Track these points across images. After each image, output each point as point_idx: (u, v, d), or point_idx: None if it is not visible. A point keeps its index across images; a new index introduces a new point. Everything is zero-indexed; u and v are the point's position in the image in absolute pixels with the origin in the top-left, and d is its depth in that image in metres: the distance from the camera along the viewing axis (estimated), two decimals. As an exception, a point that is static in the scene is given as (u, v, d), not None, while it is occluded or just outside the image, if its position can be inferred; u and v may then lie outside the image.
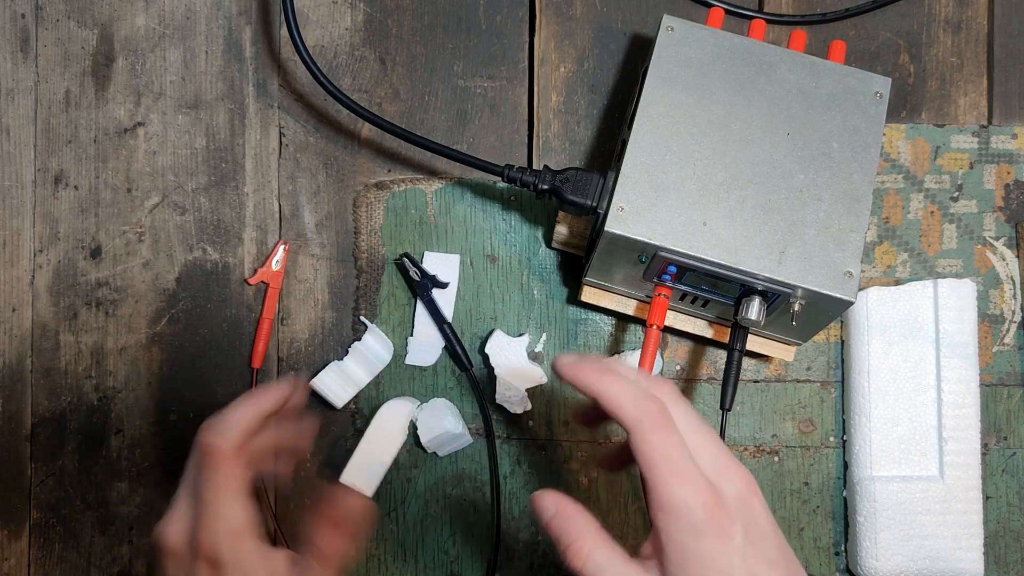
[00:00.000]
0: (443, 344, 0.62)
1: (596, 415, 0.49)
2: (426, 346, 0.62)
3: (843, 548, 0.62)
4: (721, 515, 0.40)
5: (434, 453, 0.61)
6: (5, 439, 0.62)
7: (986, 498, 0.62)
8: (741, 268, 0.52)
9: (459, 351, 0.62)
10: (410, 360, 0.62)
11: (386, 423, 0.60)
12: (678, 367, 0.63)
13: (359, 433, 0.61)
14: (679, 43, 0.57)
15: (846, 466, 0.62)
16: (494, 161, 0.58)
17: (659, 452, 0.41)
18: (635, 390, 0.42)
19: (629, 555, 0.42)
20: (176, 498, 0.46)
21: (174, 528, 0.45)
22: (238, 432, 0.45)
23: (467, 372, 0.62)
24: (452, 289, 0.62)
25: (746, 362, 0.62)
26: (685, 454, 0.41)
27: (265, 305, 0.63)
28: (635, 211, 0.53)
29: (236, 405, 0.46)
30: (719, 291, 0.55)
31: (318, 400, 0.62)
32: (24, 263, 0.63)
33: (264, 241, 0.64)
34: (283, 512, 0.62)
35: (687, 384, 0.63)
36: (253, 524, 0.44)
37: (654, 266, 0.54)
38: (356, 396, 0.62)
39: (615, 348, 0.63)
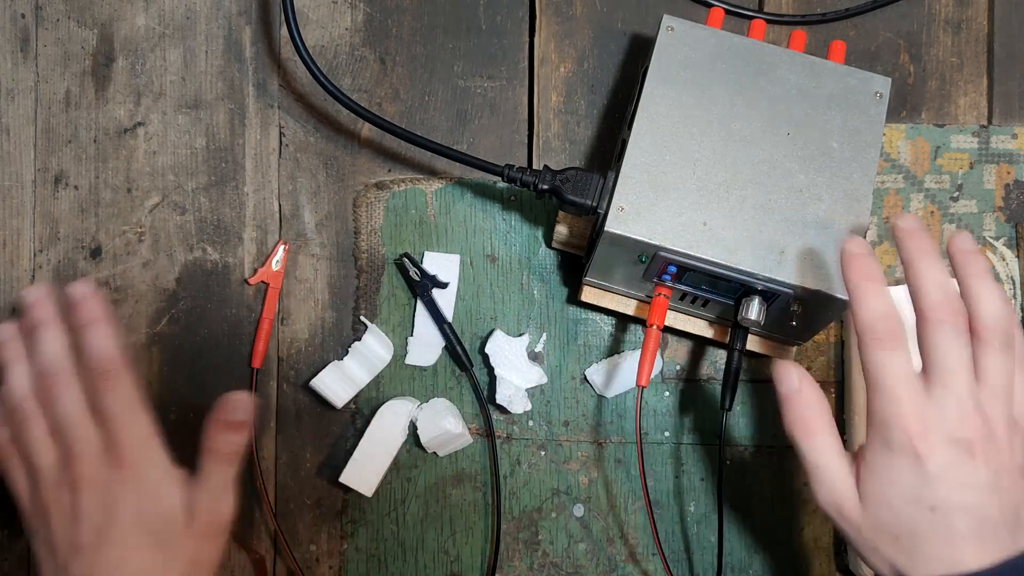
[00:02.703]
0: (443, 344, 0.62)
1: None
2: (426, 346, 0.62)
3: (843, 548, 0.62)
4: (920, 442, 0.43)
5: (434, 453, 0.61)
6: (5, 439, 0.62)
7: (986, 498, 0.62)
8: (741, 268, 0.53)
9: (459, 351, 0.62)
10: (410, 360, 0.62)
11: (386, 423, 0.60)
12: (678, 367, 0.63)
13: (359, 433, 0.61)
14: (679, 43, 0.57)
15: (846, 466, 0.62)
16: (494, 161, 0.58)
17: (874, 370, 0.44)
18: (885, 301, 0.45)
19: (844, 451, 0.46)
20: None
21: (83, 457, 0.47)
22: (115, 351, 0.49)
23: (467, 372, 0.62)
24: (452, 289, 0.62)
25: (746, 362, 0.62)
26: (902, 376, 0.44)
27: (265, 305, 0.62)
28: (635, 211, 0.53)
29: (95, 328, 0.49)
30: (719, 291, 0.55)
31: (318, 400, 0.62)
32: (24, 263, 0.63)
33: (264, 241, 0.64)
34: (283, 511, 0.62)
35: (687, 384, 0.63)
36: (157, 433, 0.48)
37: (654, 266, 0.54)
38: (356, 396, 0.62)
39: (615, 348, 0.63)
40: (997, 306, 0.45)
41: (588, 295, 0.60)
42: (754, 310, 0.54)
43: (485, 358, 0.62)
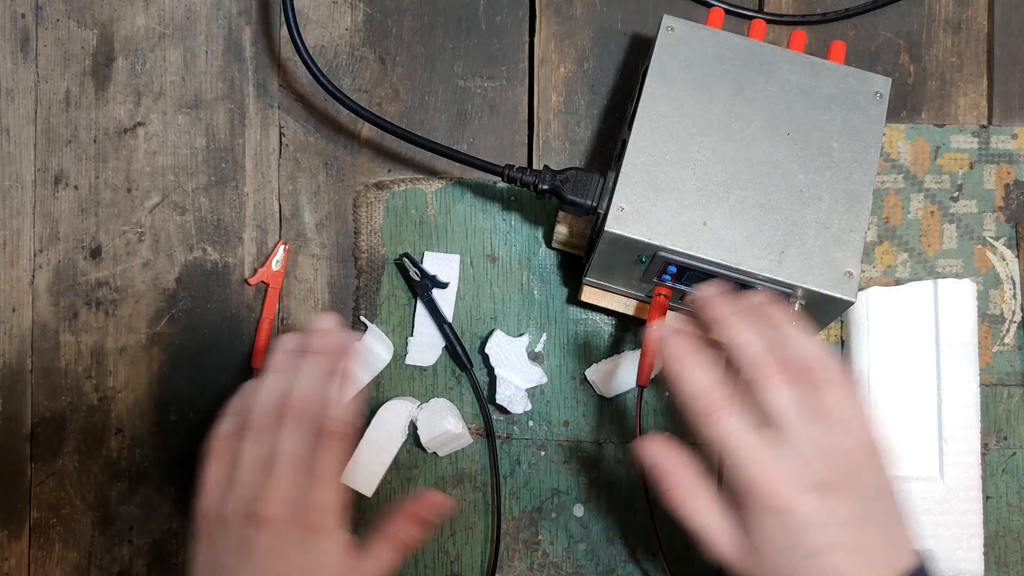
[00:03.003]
0: (443, 344, 0.62)
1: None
2: (426, 346, 0.62)
3: (843, 548, 0.62)
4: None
5: (434, 453, 0.61)
6: (5, 439, 0.62)
7: (986, 498, 0.62)
8: (741, 268, 0.53)
9: (459, 351, 0.62)
10: (410, 360, 0.62)
11: (386, 423, 0.60)
12: (678, 367, 0.63)
13: (359, 433, 0.61)
14: (679, 43, 0.57)
15: (846, 466, 0.62)
16: (494, 161, 0.58)
17: (719, 442, 0.46)
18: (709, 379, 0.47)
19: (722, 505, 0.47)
20: (243, 469, 0.47)
21: (276, 499, 0.46)
22: (353, 417, 0.50)
23: (467, 372, 0.62)
24: (452, 289, 0.62)
25: (746, 362, 0.62)
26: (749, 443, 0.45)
27: (265, 305, 0.63)
28: (635, 211, 0.53)
29: (345, 384, 0.51)
30: (719, 291, 0.55)
31: (318, 400, 0.62)
32: (24, 263, 0.63)
33: (264, 241, 0.64)
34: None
35: (687, 384, 0.63)
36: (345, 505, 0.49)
37: (654, 266, 0.54)
38: (356, 396, 0.62)
39: (615, 348, 0.63)
40: (811, 345, 0.47)
41: (588, 295, 0.60)
42: (754, 310, 0.53)
43: (485, 358, 0.62)
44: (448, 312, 0.62)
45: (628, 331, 0.63)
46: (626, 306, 0.60)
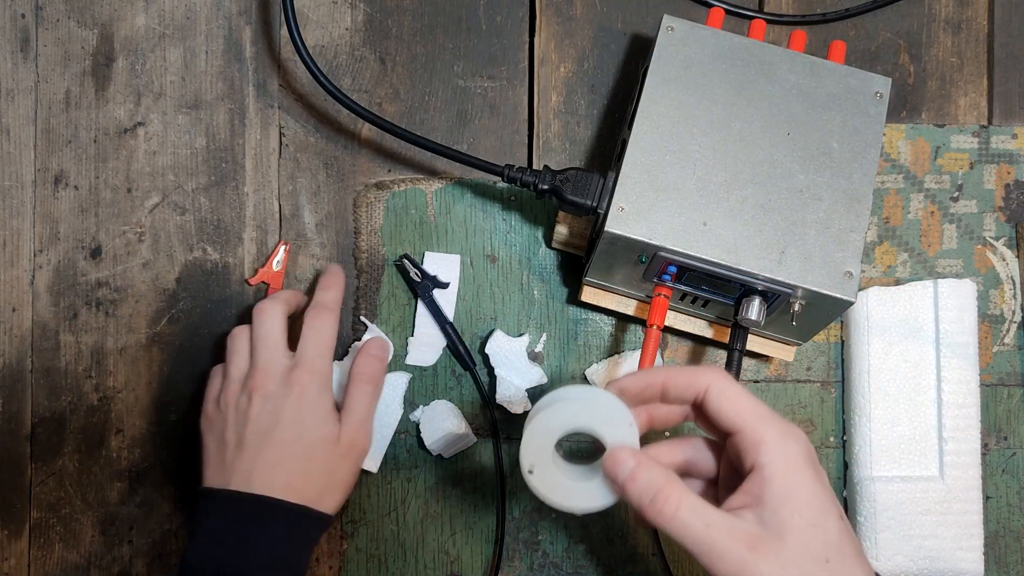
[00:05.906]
0: (443, 344, 0.62)
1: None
2: (426, 346, 0.62)
3: (843, 548, 0.62)
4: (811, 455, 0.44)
5: (438, 455, 0.61)
6: (5, 439, 0.62)
7: (986, 498, 0.62)
8: (741, 268, 0.53)
9: (462, 351, 0.62)
10: (410, 360, 0.62)
11: (383, 397, 0.60)
12: (678, 367, 0.63)
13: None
14: (679, 43, 0.57)
15: (846, 466, 0.62)
16: (494, 161, 0.58)
17: (743, 401, 0.44)
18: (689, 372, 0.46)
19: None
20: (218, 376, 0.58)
21: (261, 372, 0.55)
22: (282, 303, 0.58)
23: (471, 372, 0.62)
24: (452, 289, 0.62)
25: (746, 362, 0.62)
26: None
27: (265, 305, 0.62)
28: (635, 211, 0.53)
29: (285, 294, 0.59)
30: (719, 291, 0.55)
31: (318, 400, 0.62)
32: (24, 263, 0.63)
33: (264, 241, 0.64)
34: (283, 512, 0.62)
35: (687, 384, 0.63)
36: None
37: (654, 266, 0.54)
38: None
39: (615, 348, 0.63)
40: None
41: (588, 295, 0.60)
42: (754, 310, 0.54)
43: (485, 358, 0.62)
44: (448, 312, 0.62)
45: (628, 331, 0.63)
46: (626, 306, 0.60)
